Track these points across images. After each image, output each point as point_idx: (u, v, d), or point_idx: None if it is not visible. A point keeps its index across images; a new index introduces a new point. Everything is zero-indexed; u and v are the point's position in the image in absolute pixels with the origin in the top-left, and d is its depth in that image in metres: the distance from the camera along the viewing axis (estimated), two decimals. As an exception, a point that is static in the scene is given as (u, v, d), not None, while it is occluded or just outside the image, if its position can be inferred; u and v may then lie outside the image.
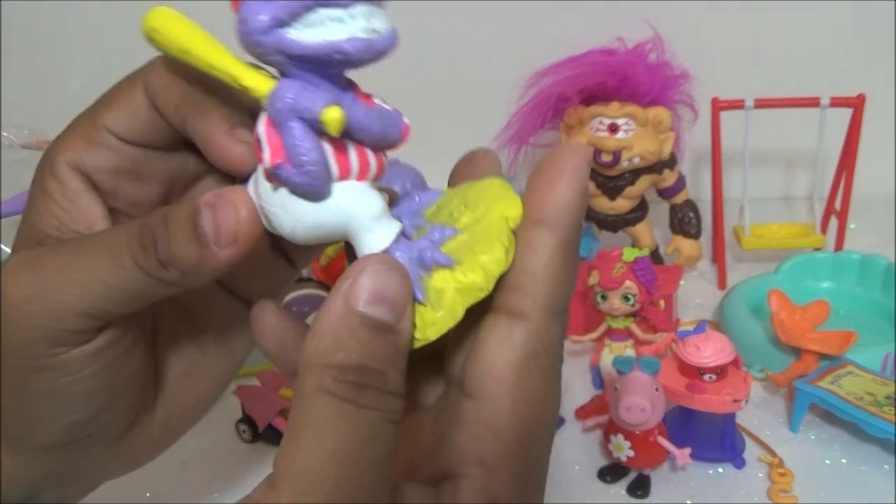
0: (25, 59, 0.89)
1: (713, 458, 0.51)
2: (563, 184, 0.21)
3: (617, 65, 0.68)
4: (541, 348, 0.21)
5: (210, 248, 0.22)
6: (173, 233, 0.22)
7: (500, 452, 0.21)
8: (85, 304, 0.23)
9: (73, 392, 0.24)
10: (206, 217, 0.22)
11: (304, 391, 0.19)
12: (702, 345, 0.50)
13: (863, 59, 0.85)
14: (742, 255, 0.78)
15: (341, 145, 0.21)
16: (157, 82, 0.25)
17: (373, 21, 0.20)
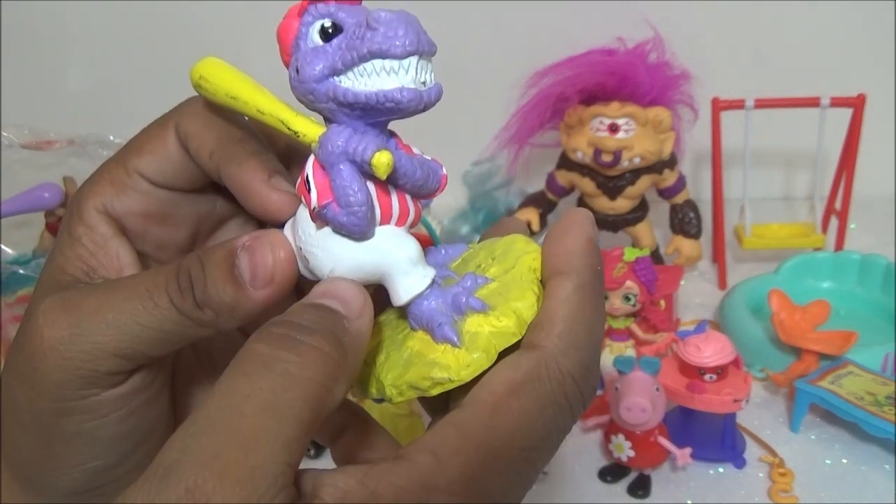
0: (25, 59, 0.89)
1: (714, 458, 0.51)
2: (570, 236, 0.23)
3: (617, 65, 0.68)
4: (544, 377, 0.21)
5: (246, 290, 0.22)
6: (210, 274, 0.22)
7: (456, 450, 0.20)
8: (120, 345, 0.23)
9: (98, 437, 0.24)
10: (242, 259, 0.22)
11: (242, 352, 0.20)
12: (702, 345, 0.50)
13: (863, 59, 0.85)
14: (742, 255, 0.78)
15: (384, 190, 0.22)
16: (189, 128, 0.25)
17: (422, 74, 0.21)
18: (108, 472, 0.25)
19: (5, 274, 0.68)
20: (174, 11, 0.87)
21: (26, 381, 0.23)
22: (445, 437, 0.20)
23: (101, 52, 0.90)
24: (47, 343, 0.23)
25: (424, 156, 0.23)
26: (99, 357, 0.22)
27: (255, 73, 0.27)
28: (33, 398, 0.23)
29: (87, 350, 0.22)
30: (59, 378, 0.23)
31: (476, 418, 0.20)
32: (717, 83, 0.70)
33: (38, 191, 0.72)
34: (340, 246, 0.22)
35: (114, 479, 0.25)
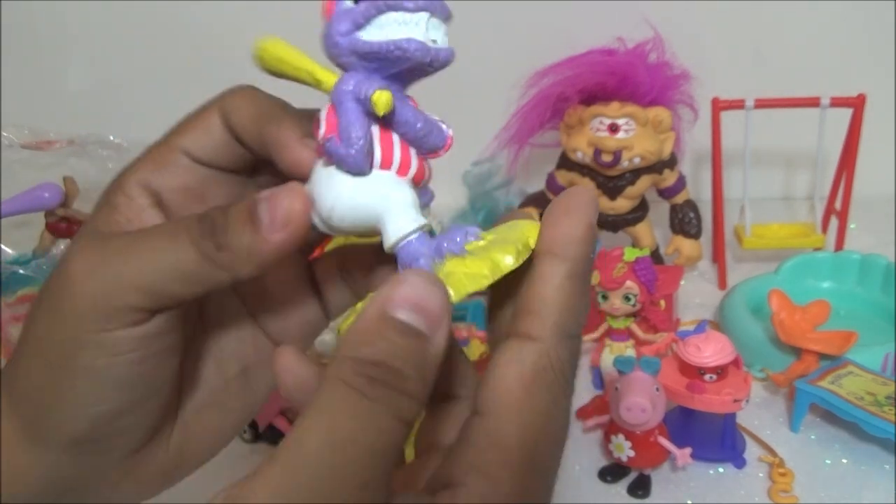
0: (25, 59, 0.89)
1: (714, 458, 0.51)
2: (571, 219, 0.23)
3: (617, 65, 0.68)
4: (549, 367, 0.22)
5: (263, 232, 0.23)
6: (231, 220, 0.24)
7: (502, 463, 0.21)
8: (142, 280, 0.24)
9: (108, 376, 0.24)
10: (262, 206, 0.24)
11: (324, 379, 0.20)
12: (702, 345, 0.50)
13: (863, 59, 0.85)
14: (742, 255, 0.78)
15: (388, 138, 0.24)
16: (234, 104, 0.27)
17: (431, 32, 0.22)
18: (110, 421, 0.25)
19: (5, 274, 0.68)
20: (174, 11, 0.87)
21: (49, 312, 0.24)
22: (486, 454, 0.21)
23: (101, 52, 0.90)
24: (73, 275, 0.24)
25: (433, 116, 0.24)
26: (119, 289, 0.24)
27: (254, 72, 0.28)
28: (52, 328, 0.24)
29: (109, 282, 0.24)
30: (80, 308, 0.24)
31: (506, 425, 0.21)
32: (717, 83, 0.70)
33: (38, 191, 0.72)
34: (341, 184, 0.23)
35: (114, 433, 0.26)
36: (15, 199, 0.72)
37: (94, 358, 0.24)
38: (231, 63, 0.90)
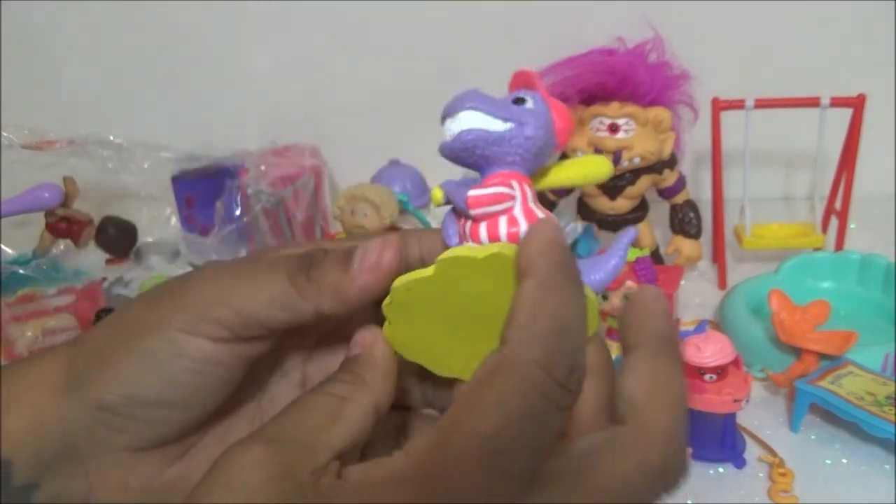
0: (25, 59, 0.89)
1: (714, 457, 0.51)
2: (530, 241, 0.25)
3: (617, 65, 0.68)
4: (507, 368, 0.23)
5: (350, 273, 0.26)
6: (328, 259, 0.27)
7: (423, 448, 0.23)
8: (237, 297, 0.27)
9: (164, 368, 0.27)
10: (358, 250, 0.27)
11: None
12: (702, 345, 0.50)
13: (863, 59, 0.85)
14: (742, 255, 0.78)
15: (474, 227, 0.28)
16: (422, 234, 0.31)
17: (450, 126, 0.28)
18: (139, 406, 0.27)
19: (5, 274, 0.68)
20: (174, 12, 0.87)
21: (148, 300, 0.28)
22: (420, 438, 0.23)
23: (101, 52, 0.90)
24: (190, 286, 0.27)
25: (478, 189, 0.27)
26: (216, 303, 0.27)
27: (254, 72, 0.28)
28: (144, 311, 0.28)
29: (211, 295, 0.27)
30: (176, 305, 0.27)
31: (447, 418, 0.22)
32: (717, 83, 0.70)
33: (38, 191, 0.72)
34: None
35: (135, 418, 0.28)
36: (15, 199, 0.72)
37: (162, 348, 0.27)
38: (231, 63, 0.90)
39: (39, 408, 0.28)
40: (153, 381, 0.27)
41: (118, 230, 0.76)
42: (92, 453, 0.28)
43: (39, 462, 0.28)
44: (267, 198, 0.73)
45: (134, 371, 0.27)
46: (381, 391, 0.26)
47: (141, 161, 0.81)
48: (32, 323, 0.65)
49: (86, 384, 0.28)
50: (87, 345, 0.29)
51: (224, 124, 0.88)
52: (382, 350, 0.27)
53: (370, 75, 0.90)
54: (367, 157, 0.79)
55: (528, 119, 0.27)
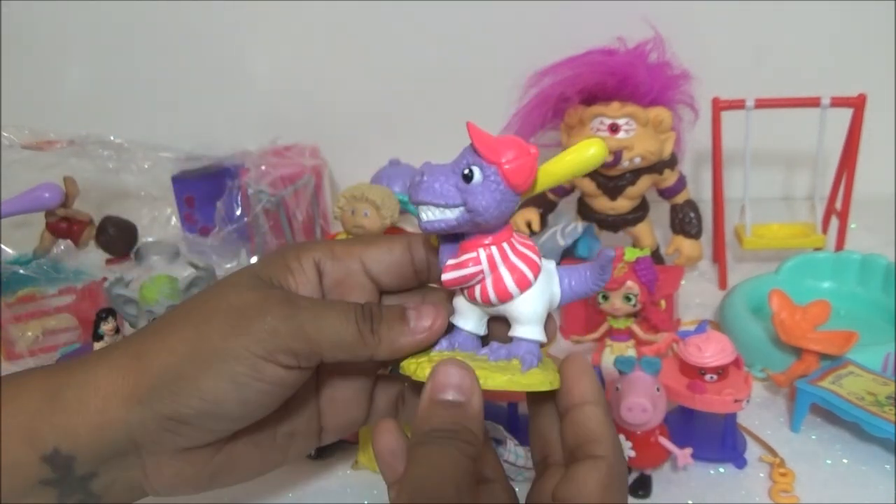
0: (25, 59, 0.89)
1: (714, 458, 0.51)
2: (587, 377, 0.33)
3: (617, 65, 0.68)
4: (617, 476, 0.31)
5: (408, 329, 0.33)
6: (386, 315, 0.34)
7: None
8: (315, 333, 0.32)
9: (234, 388, 0.31)
10: (412, 312, 0.34)
11: (410, 449, 0.30)
12: (703, 345, 0.50)
13: (863, 59, 0.85)
14: (743, 255, 0.78)
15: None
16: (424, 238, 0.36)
17: (425, 214, 0.31)
18: (201, 416, 0.32)
19: (5, 274, 0.68)
20: (174, 12, 0.87)
21: (231, 325, 0.32)
22: None
23: (101, 52, 0.90)
24: (272, 315, 0.32)
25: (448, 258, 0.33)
26: (297, 337, 0.32)
27: (254, 72, 0.29)
28: (229, 336, 0.32)
29: (294, 329, 0.32)
30: (265, 338, 0.31)
31: None
32: (718, 83, 0.70)
33: (38, 191, 0.72)
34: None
35: (196, 425, 0.32)
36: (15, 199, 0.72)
37: (242, 373, 0.31)
38: (231, 63, 0.90)
39: (106, 413, 0.32)
40: (230, 400, 0.32)
41: (118, 230, 0.75)
42: (152, 451, 0.32)
43: (101, 456, 0.32)
44: (267, 198, 0.73)
45: (217, 390, 0.31)
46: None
47: (141, 161, 0.81)
48: (33, 323, 0.65)
49: (160, 399, 0.31)
50: (157, 359, 0.32)
51: (224, 124, 0.88)
52: (479, 400, 0.31)
53: (370, 75, 0.90)
54: (368, 157, 0.79)
55: (475, 195, 0.30)
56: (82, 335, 0.66)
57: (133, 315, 0.55)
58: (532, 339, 0.33)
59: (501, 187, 0.30)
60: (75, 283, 0.68)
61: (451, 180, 0.30)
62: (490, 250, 0.32)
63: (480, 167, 0.30)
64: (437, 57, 0.88)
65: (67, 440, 0.31)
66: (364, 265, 0.36)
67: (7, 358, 0.65)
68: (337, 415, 0.38)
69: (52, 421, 0.31)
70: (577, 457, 0.32)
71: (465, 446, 0.29)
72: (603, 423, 0.32)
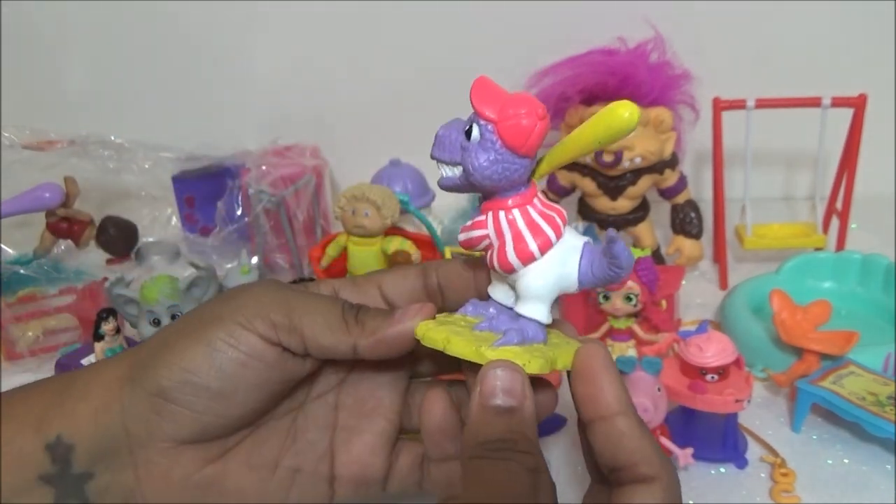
0: (26, 59, 0.89)
1: (715, 458, 0.51)
2: (610, 380, 0.30)
3: (618, 65, 0.68)
4: (673, 493, 0.29)
5: (392, 320, 0.32)
6: (374, 310, 0.34)
7: None
8: (295, 308, 0.32)
9: (217, 357, 0.31)
10: (399, 308, 0.33)
11: (462, 465, 0.28)
12: (704, 345, 0.50)
13: (863, 59, 0.85)
14: (743, 255, 0.78)
15: None
16: (441, 264, 0.37)
17: (441, 171, 0.30)
18: (190, 391, 0.32)
19: (6, 274, 0.68)
20: (174, 12, 0.87)
21: (219, 302, 0.33)
22: None
23: (101, 52, 0.90)
24: (257, 293, 0.33)
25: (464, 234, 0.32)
26: (277, 309, 0.32)
27: (254, 73, 0.29)
28: (212, 309, 0.33)
29: (276, 302, 0.32)
30: (241, 303, 0.32)
31: None
32: (718, 83, 0.70)
33: (38, 191, 0.72)
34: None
35: (185, 405, 0.32)
36: (16, 199, 0.72)
37: (219, 337, 0.31)
38: (232, 63, 0.90)
39: (103, 398, 0.32)
40: (205, 368, 0.31)
41: (119, 230, 0.75)
42: (142, 442, 0.32)
43: (97, 449, 0.32)
44: (268, 198, 0.73)
45: (192, 357, 0.31)
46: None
47: (142, 161, 0.81)
48: (33, 323, 0.65)
49: (147, 370, 0.32)
50: (154, 338, 0.33)
51: (225, 124, 0.88)
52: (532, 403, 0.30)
53: (371, 75, 0.90)
54: (368, 157, 0.79)
55: (470, 154, 0.29)
56: (83, 335, 0.66)
57: (133, 315, 0.55)
58: (530, 318, 0.31)
59: (497, 146, 0.28)
60: (76, 283, 0.68)
61: (457, 137, 0.29)
62: (498, 215, 0.30)
63: (478, 124, 0.28)
64: (437, 57, 0.88)
65: (70, 428, 0.32)
66: (382, 291, 0.36)
67: (7, 358, 0.65)
68: (352, 461, 0.36)
69: (60, 409, 0.32)
70: (623, 480, 0.29)
71: (525, 457, 0.27)
72: (641, 438, 0.29)
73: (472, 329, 0.31)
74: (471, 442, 0.28)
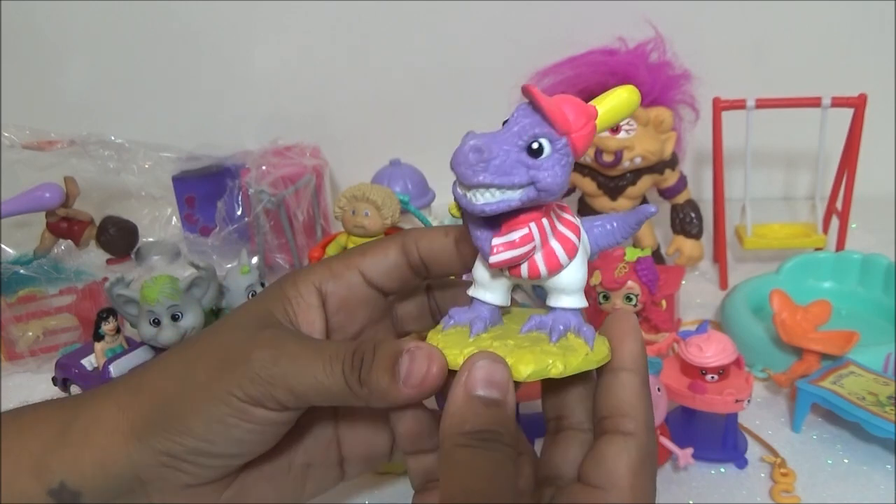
0: (26, 59, 0.89)
1: (715, 458, 0.51)
2: (634, 340, 0.31)
3: (618, 65, 0.68)
4: (647, 456, 0.29)
5: (398, 385, 0.29)
6: (377, 362, 0.30)
7: None
8: (298, 386, 0.30)
9: (228, 429, 0.31)
10: (404, 360, 0.29)
11: (444, 451, 0.27)
12: (704, 345, 0.50)
13: (863, 59, 0.85)
14: (743, 255, 0.78)
15: None
16: (416, 233, 0.35)
17: (475, 195, 0.27)
18: (202, 454, 0.31)
19: (6, 274, 0.68)
20: (174, 11, 0.87)
21: (216, 368, 0.31)
22: None
23: (101, 52, 0.90)
24: (253, 361, 0.31)
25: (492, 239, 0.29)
26: (280, 386, 0.30)
27: (255, 72, 0.29)
28: (212, 378, 0.31)
29: (276, 378, 0.30)
30: (244, 382, 0.30)
31: (621, 499, 0.28)
32: (718, 83, 0.70)
33: (38, 191, 0.72)
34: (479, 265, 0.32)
35: (197, 462, 0.31)
36: (16, 199, 0.72)
37: (228, 414, 0.31)
38: (232, 63, 0.90)
39: (108, 449, 0.32)
40: (220, 441, 0.31)
41: (119, 230, 0.75)
42: (158, 487, 0.32)
43: (106, 493, 0.32)
44: (268, 198, 0.73)
45: (204, 431, 0.31)
46: None
47: (142, 161, 0.81)
48: (34, 323, 0.65)
49: (154, 435, 0.31)
50: (150, 396, 0.32)
51: (225, 124, 0.88)
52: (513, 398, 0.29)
53: (371, 75, 0.90)
54: (368, 156, 0.79)
55: (546, 172, 0.27)
56: (83, 335, 0.66)
57: (134, 315, 0.55)
58: (578, 308, 0.30)
59: (570, 159, 0.27)
60: (76, 283, 0.68)
61: (515, 155, 0.27)
62: (541, 223, 0.28)
63: (550, 139, 0.27)
64: (437, 57, 0.88)
65: (74, 475, 0.31)
66: (364, 276, 0.35)
67: (7, 358, 0.65)
68: (357, 443, 0.37)
69: (60, 455, 0.31)
70: (606, 429, 0.30)
71: (510, 451, 0.28)
72: (638, 395, 0.30)
73: (518, 334, 0.30)
74: (454, 430, 0.27)
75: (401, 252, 0.35)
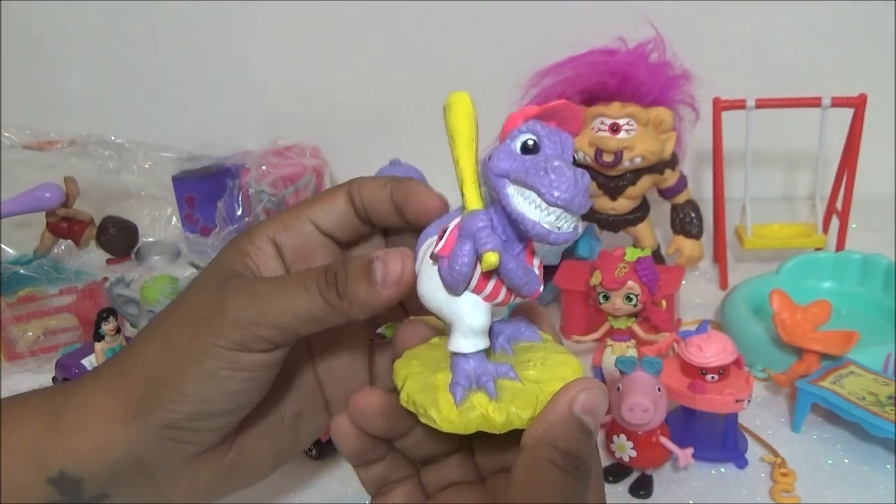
0: (25, 59, 0.89)
1: (715, 458, 0.51)
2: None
3: (618, 65, 0.68)
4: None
5: (377, 288, 0.30)
6: (351, 274, 0.30)
7: None
8: (280, 317, 0.30)
9: (222, 383, 0.31)
10: (377, 265, 0.30)
11: (535, 461, 0.27)
12: (704, 345, 0.50)
13: (863, 59, 0.85)
14: (743, 255, 0.78)
15: (489, 273, 0.27)
16: (362, 182, 0.35)
17: (560, 221, 0.25)
18: (201, 418, 0.31)
19: (6, 274, 0.68)
20: (174, 12, 0.87)
21: (195, 324, 0.31)
22: None
23: (101, 52, 0.90)
24: (229, 308, 0.31)
25: (535, 269, 0.28)
26: (262, 324, 0.30)
27: (255, 72, 0.29)
28: (195, 337, 0.31)
29: (257, 316, 0.30)
30: (227, 329, 0.30)
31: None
32: (719, 83, 0.70)
33: (38, 191, 0.72)
34: (436, 287, 0.28)
35: (198, 429, 0.32)
36: (16, 199, 0.72)
37: (219, 367, 0.31)
38: (232, 63, 0.90)
39: (104, 434, 0.32)
40: (216, 397, 0.31)
41: (119, 230, 0.75)
42: (160, 465, 0.32)
43: (108, 477, 0.32)
44: (268, 198, 0.73)
45: (200, 390, 0.31)
46: None
47: (142, 161, 0.81)
48: (34, 323, 0.65)
49: (150, 410, 0.31)
50: (138, 373, 0.32)
51: (225, 124, 0.88)
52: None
53: (371, 75, 0.90)
54: (368, 156, 0.79)
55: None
56: (83, 335, 0.66)
57: (134, 315, 0.55)
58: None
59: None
60: (76, 283, 0.68)
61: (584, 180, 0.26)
62: None
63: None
64: (438, 57, 0.88)
65: (72, 463, 0.31)
66: (316, 225, 0.35)
67: (7, 358, 0.65)
68: (338, 385, 0.37)
69: (54, 443, 0.31)
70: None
71: (590, 484, 0.28)
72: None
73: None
74: (549, 441, 0.27)
75: (348, 200, 0.35)
